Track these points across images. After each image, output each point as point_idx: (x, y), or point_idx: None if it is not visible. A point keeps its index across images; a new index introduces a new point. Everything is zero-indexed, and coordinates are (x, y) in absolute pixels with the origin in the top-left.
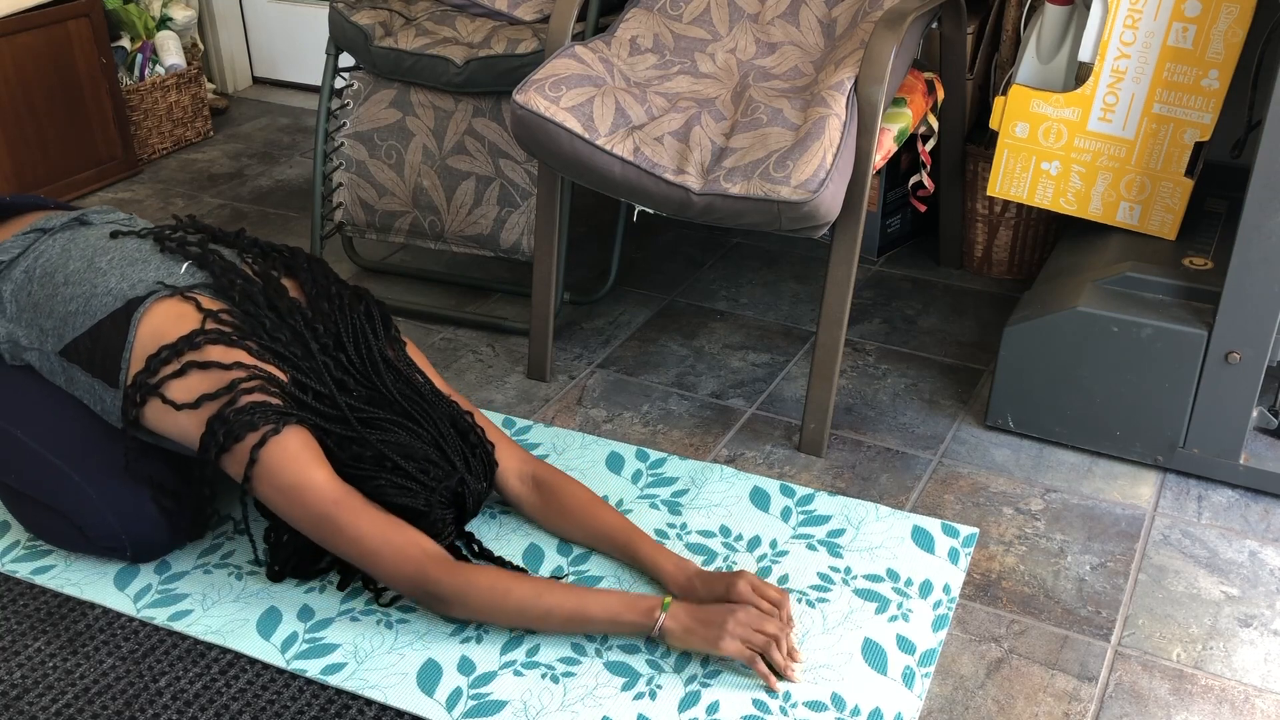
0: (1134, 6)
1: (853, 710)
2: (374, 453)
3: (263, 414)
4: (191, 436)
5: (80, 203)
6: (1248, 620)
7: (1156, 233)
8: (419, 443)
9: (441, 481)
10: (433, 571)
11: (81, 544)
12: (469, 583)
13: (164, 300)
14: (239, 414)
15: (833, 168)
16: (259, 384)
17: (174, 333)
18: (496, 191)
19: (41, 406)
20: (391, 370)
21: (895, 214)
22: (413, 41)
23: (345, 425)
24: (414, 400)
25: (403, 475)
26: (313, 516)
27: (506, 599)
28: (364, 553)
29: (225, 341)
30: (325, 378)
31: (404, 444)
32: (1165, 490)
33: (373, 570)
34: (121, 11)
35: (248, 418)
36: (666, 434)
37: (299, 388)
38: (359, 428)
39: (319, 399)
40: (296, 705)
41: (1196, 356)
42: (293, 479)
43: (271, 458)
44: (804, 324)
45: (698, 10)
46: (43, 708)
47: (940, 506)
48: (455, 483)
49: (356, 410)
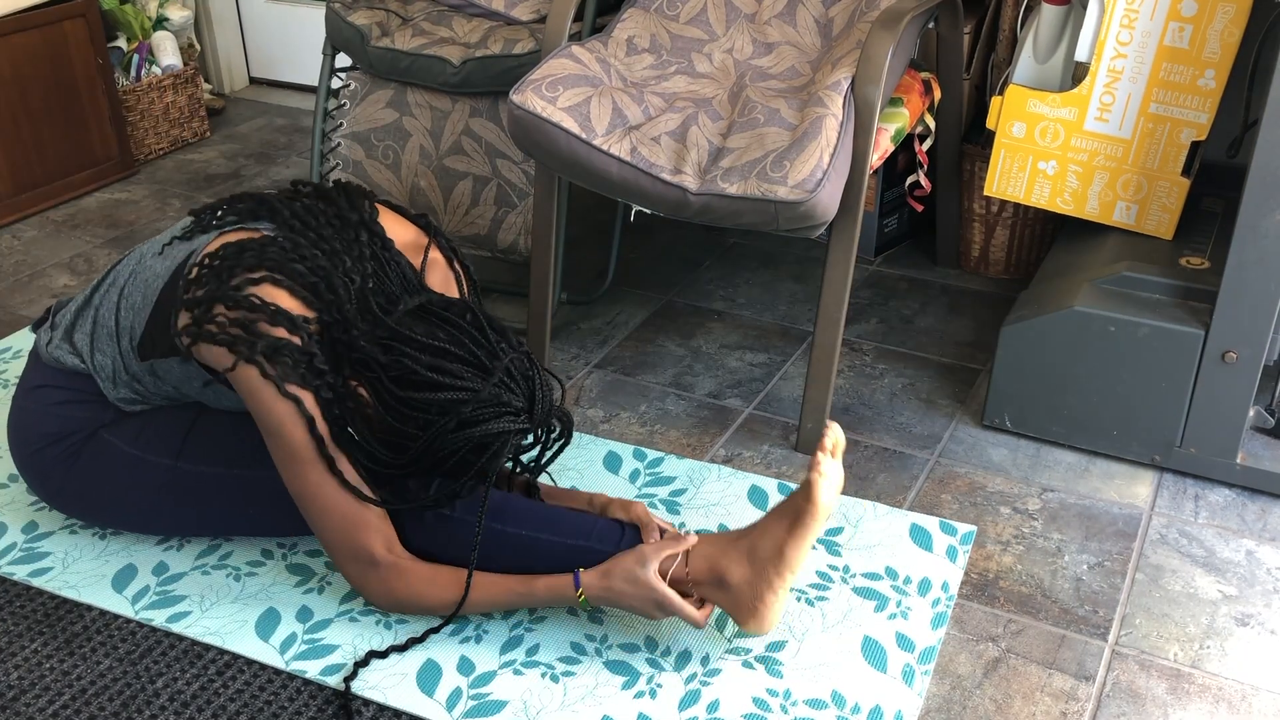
0: (1130, 6)
1: (853, 708)
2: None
3: (293, 366)
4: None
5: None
6: (1245, 619)
7: (1153, 232)
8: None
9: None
10: (375, 543)
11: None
12: (406, 569)
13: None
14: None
15: (829, 167)
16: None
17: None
18: (493, 192)
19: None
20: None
21: (892, 214)
22: (409, 42)
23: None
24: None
25: (448, 372)
26: (282, 452)
27: (432, 592)
28: (312, 501)
29: (271, 281)
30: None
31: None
32: (1162, 489)
33: (317, 519)
34: (118, 12)
35: (286, 359)
36: (664, 434)
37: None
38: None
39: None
40: (295, 706)
41: (1193, 356)
42: (276, 424)
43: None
44: (801, 324)
45: (695, 10)
46: (40, 709)
47: (937, 506)
48: (507, 362)
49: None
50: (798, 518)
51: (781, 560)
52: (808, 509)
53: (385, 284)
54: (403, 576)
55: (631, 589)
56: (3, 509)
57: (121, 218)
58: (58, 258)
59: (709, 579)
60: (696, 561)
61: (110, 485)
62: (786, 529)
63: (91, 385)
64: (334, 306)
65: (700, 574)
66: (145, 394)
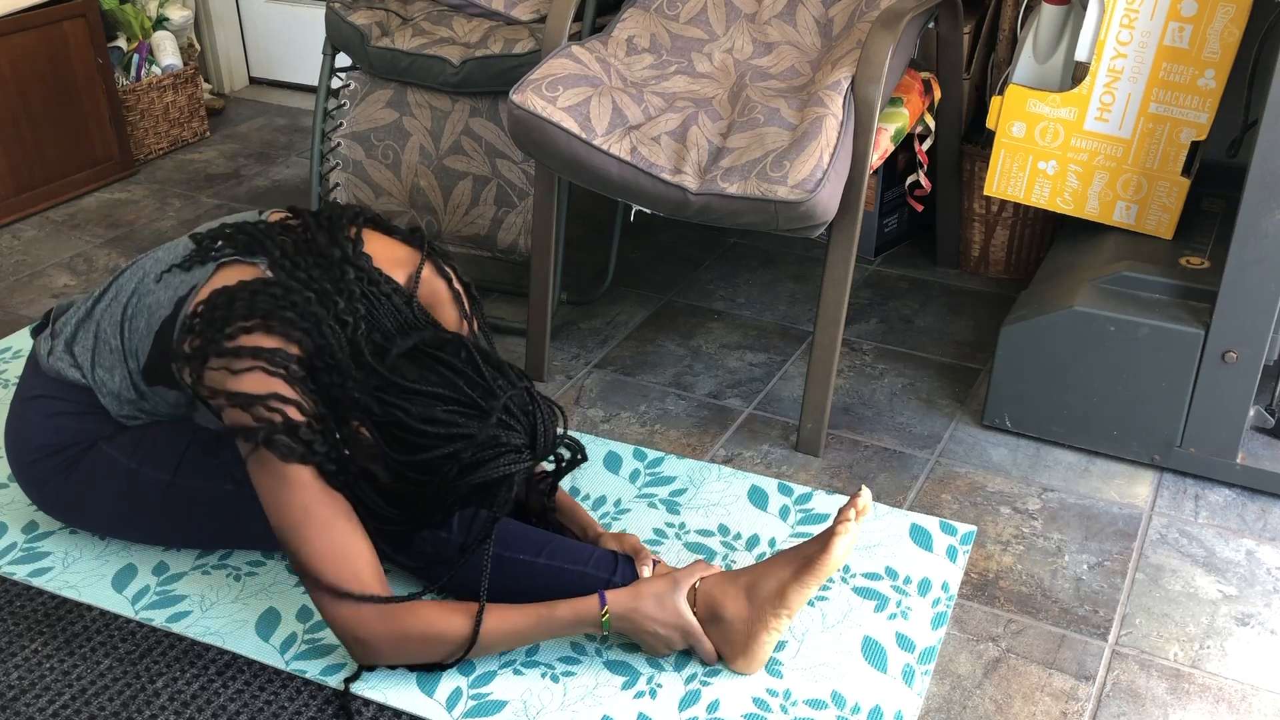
0: (1130, 6)
1: (853, 708)
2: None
3: (290, 446)
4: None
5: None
6: (1245, 619)
7: (1153, 232)
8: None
9: (489, 405)
10: (366, 613)
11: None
12: (413, 603)
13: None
14: (276, 432)
15: (829, 167)
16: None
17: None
18: (493, 191)
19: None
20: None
21: (892, 214)
22: (409, 41)
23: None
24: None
25: (451, 412)
26: (283, 511)
27: (444, 624)
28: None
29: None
30: (359, 344)
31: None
32: (1162, 489)
33: (314, 576)
34: (118, 12)
35: (283, 440)
36: (664, 434)
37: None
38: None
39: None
40: (295, 706)
41: (1193, 356)
42: (276, 488)
43: (274, 465)
44: (801, 324)
45: (695, 10)
46: (40, 709)
47: (937, 506)
48: (505, 401)
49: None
50: (807, 564)
51: (781, 602)
52: (820, 558)
53: (379, 322)
54: (411, 610)
55: (659, 614)
56: (3, 509)
57: (121, 218)
58: (58, 258)
59: (704, 613)
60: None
61: (107, 496)
62: (793, 573)
63: (90, 397)
64: (325, 353)
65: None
66: (149, 410)
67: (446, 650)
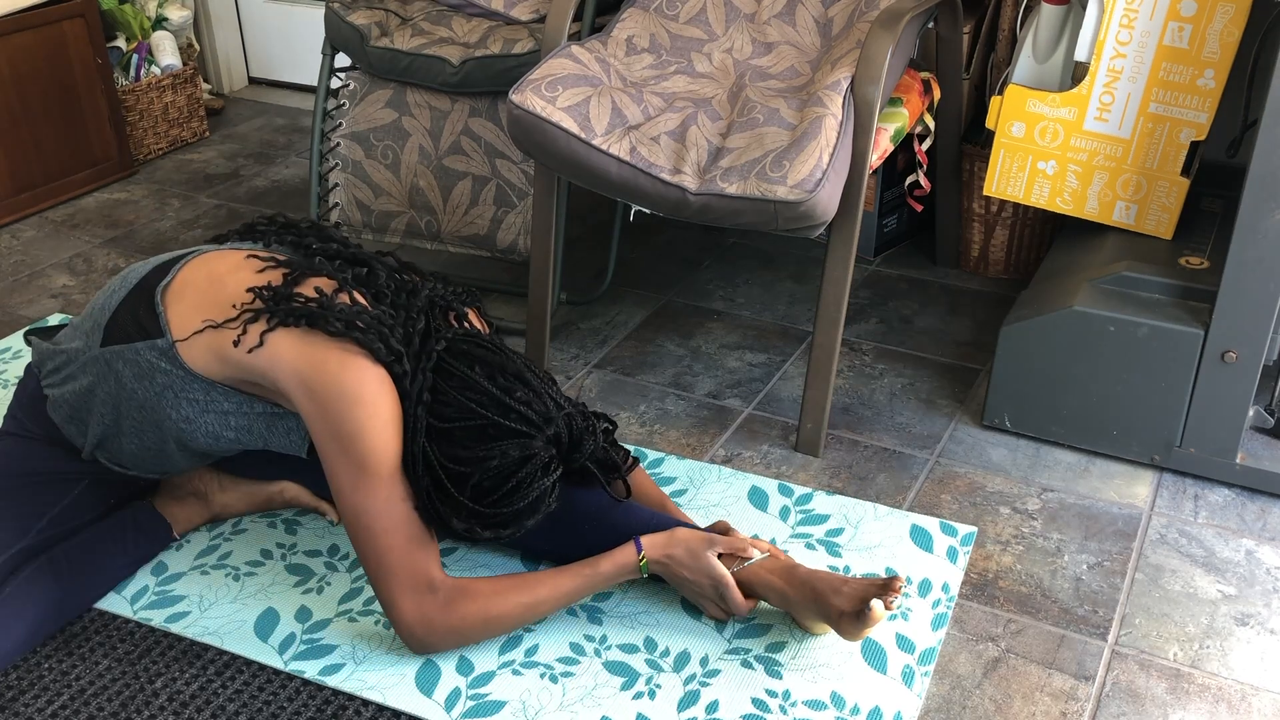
0: (1130, 6)
1: (852, 709)
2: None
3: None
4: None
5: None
6: (1244, 619)
7: (1153, 232)
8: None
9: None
10: (429, 605)
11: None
12: (468, 585)
13: (203, 256)
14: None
15: (829, 167)
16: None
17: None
18: (493, 192)
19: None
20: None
21: (892, 214)
22: (409, 41)
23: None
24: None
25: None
26: (350, 467)
27: (500, 602)
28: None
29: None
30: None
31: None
32: (1162, 489)
33: (377, 541)
34: (117, 12)
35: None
36: (664, 434)
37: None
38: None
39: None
40: (294, 706)
41: (1193, 356)
42: (356, 425)
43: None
44: (801, 324)
45: (694, 10)
46: (39, 709)
47: (937, 506)
48: (561, 419)
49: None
50: (829, 621)
51: (809, 623)
52: (845, 627)
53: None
54: (467, 594)
55: (690, 561)
56: None
57: (121, 218)
58: (57, 258)
59: (801, 594)
60: (787, 573)
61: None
62: (834, 618)
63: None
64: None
65: (790, 583)
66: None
67: (506, 630)
